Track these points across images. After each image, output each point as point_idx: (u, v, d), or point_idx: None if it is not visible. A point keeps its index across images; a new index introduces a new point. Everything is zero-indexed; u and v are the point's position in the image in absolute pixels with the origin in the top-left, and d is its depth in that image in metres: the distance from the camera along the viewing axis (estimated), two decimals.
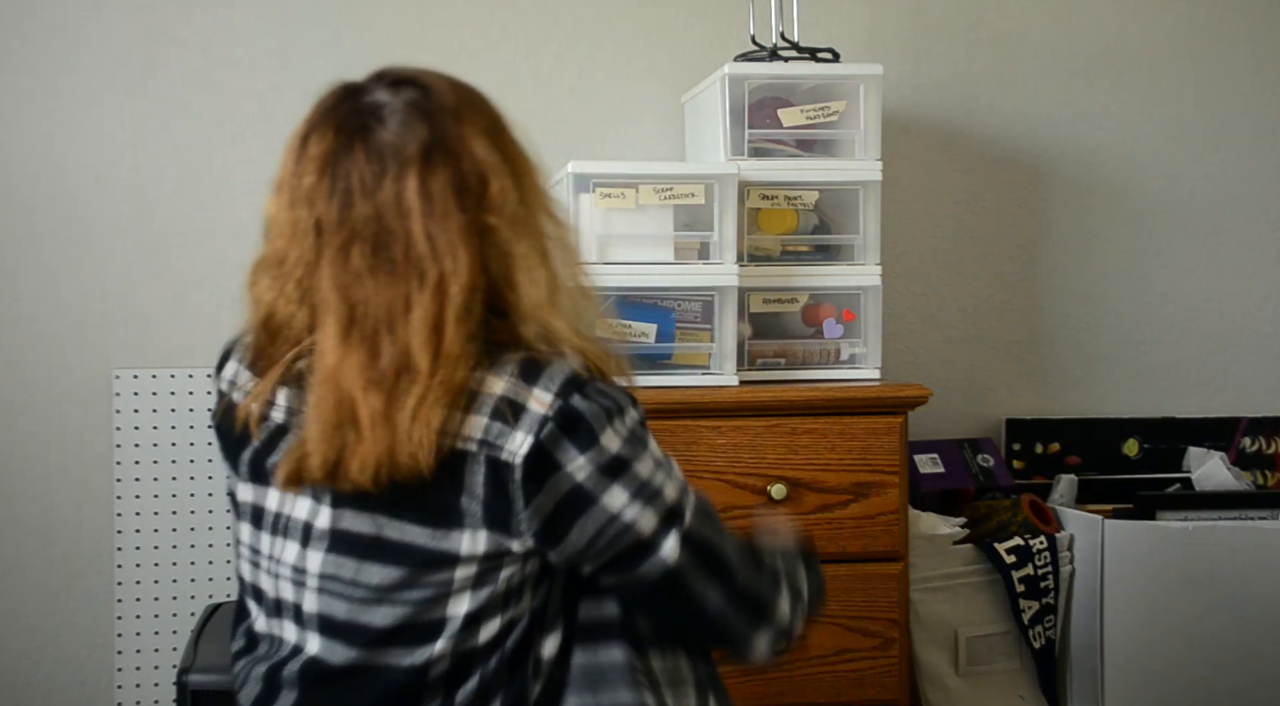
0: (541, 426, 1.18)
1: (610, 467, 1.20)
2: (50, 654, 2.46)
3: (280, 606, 1.30)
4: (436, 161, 1.21)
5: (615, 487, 1.20)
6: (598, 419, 1.19)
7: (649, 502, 1.21)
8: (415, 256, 1.19)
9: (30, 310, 2.45)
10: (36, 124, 2.45)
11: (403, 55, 2.54)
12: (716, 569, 1.26)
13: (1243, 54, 2.80)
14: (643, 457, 1.22)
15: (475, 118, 1.25)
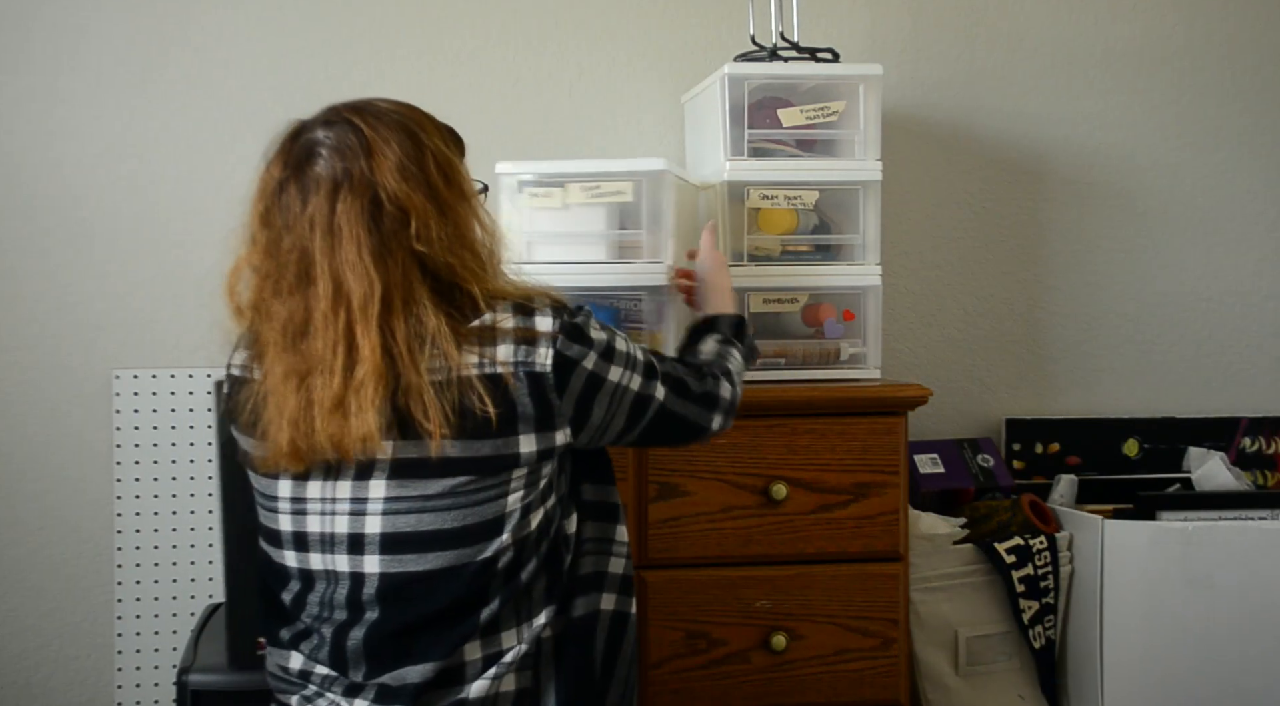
0: (554, 340, 1.49)
1: (605, 354, 1.54)
2: (50, 654, 2.46)
3: (333, 540, 1.49)
4: (345, 193, 1.45)
5: (612, 367, 1.55)
6: (585, 325, 1.53)
7: (633, 368, 1.58)
8: (317, 276, 1.44)
9: (30, 310, 2.45)
10: (37, 124, 2.45)
11: (403, 55, 2.55)
12: (683, 392, 1.64)
13: (1243, 54, 2.80)
14: (617, 341, 1.57)
15: (388, 153, 1.46)
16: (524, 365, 1.48)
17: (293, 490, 1.51)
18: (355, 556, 1.48)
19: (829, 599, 2.14)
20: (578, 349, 1.51)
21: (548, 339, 1.49)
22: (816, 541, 2.14)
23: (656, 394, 1.61)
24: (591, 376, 1.53)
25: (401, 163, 1.46)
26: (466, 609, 1.47)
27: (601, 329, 1.56)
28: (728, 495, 2.11)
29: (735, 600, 2.13)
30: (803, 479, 2.12)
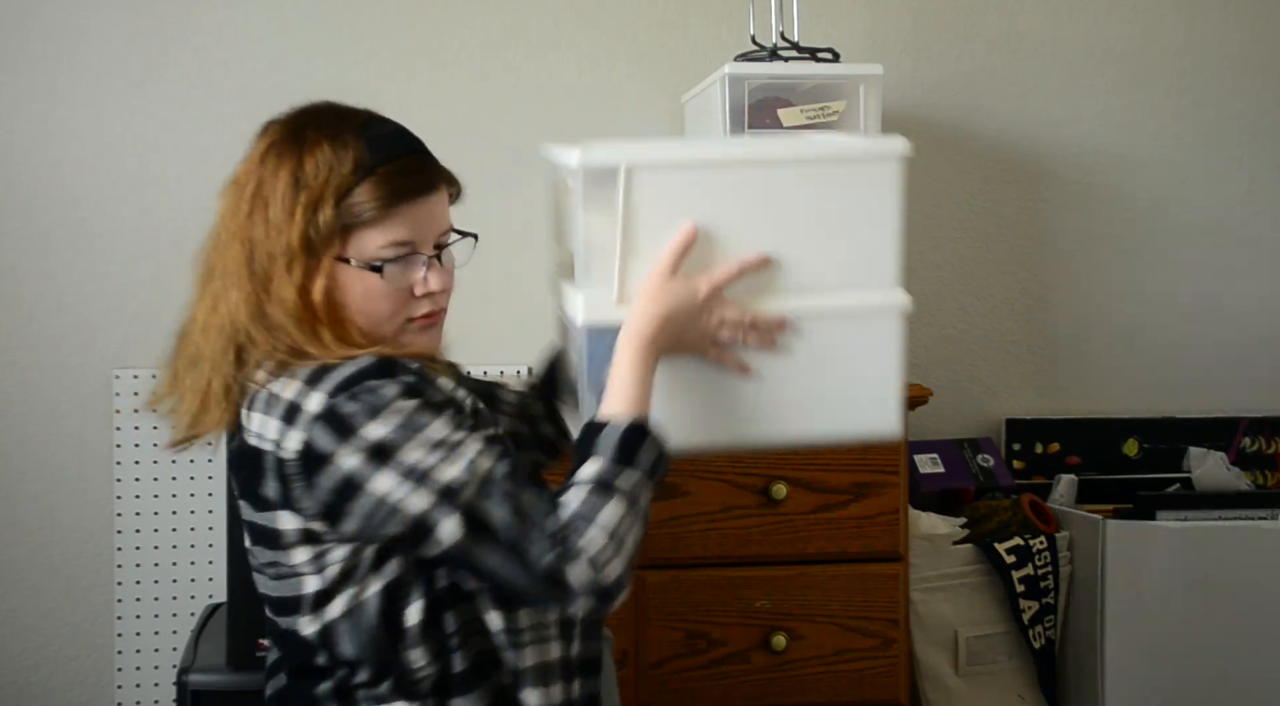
0: (312, 424, 1.31)
1: (375, 454, 1.29)
2: (50, 654, 2.46)
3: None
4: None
5: (382, 473, 1.29)
6: (361, 413, 1.30)
7: (419, 484, 1.29)
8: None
9: (30, 310, 2.45)
10: (37, 124, 2.45)
11: (403, 55, 2.55)
12: (497, 545, 1.29)
13: (1243, 54, 2.80)
14: (413, 443, 1.29)
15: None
16: (275, 445, 1.33)
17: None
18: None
19: (829, 599, 2.14)
20: (334, 441, 1.30)
21: (306, 421, 1.31)
22: (816, 541, 2.14)
23: (440, 531, 1.29)
24: (345, 479, 1.30)
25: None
26: (301, 687, 1.41)
27: (399, 421, 1.29)
28: (728, 495, 2.11)
29: (735, 600, 2.13)
30: (803, 479, 2.12)
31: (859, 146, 1.51)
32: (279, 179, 1.38)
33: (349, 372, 1.32)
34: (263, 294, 1.37)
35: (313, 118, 1.44)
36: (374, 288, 1.38)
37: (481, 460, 1.30)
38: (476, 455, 1.30)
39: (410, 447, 1.29)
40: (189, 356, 1.45)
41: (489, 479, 1.30)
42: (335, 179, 1.37)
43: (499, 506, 1.29)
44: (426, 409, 1.31)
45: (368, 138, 1.40)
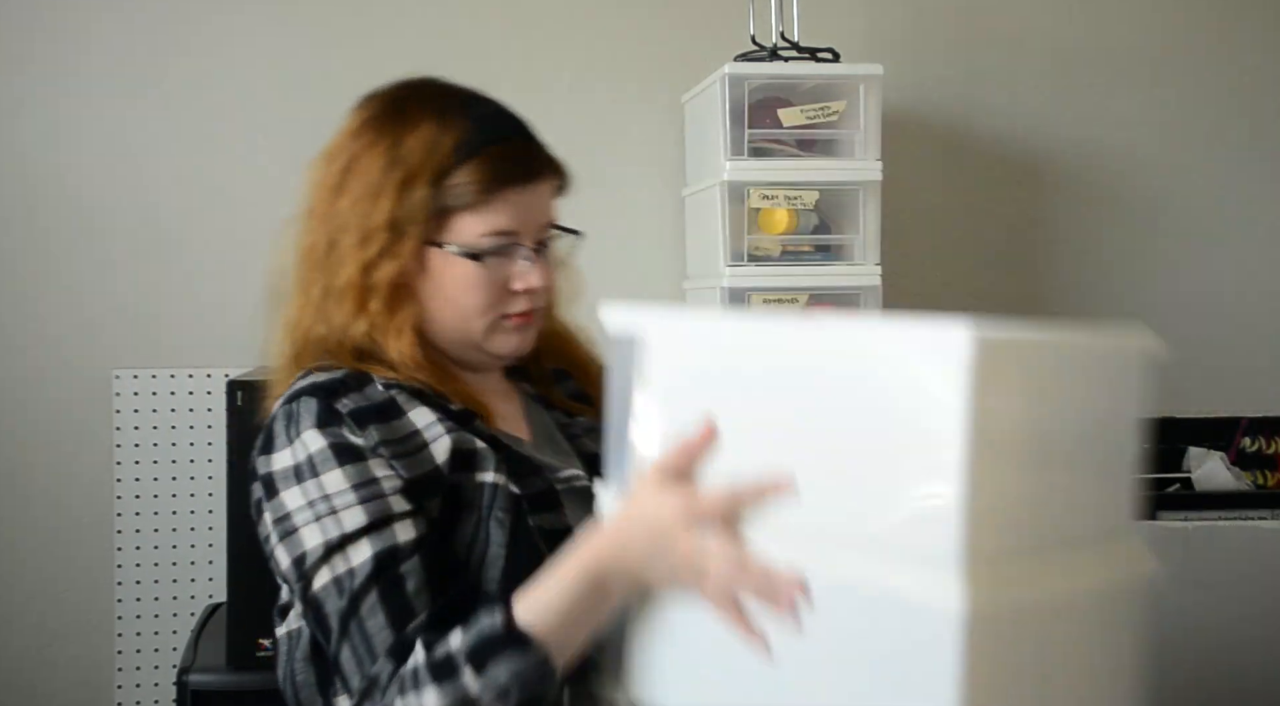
0: (270, 424, 1.25)
1: (267, 482, 1.21)
2: (50, 654, 2.46)
3: None
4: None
5: (269, 506, 1.21)
6: (279, 433, 1.22)
7: (283, 538, 1.19)
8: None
9: (31, 310, 2.45)
10: (38, 125, 2.45)
11: (403, 55, 2.54)
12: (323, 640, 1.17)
13: (1243, 54, 2.80)
14: (296, 489, 1.18)
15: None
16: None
17: None
18: None
19: None
20: (258, 447, 1.24)
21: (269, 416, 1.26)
22: None
23: (315, 583, 1.17)
24: (262, 498, 1.22)
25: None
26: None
27: (302, 456, 1.18)
28: None
29: None
30: None
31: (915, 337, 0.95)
32: (373, 154, 1.28)
33: (304, 383, 1.24)
34: (328, 279, 1.28)
35: (414, 92, 1.34)
36: (469, 277, 1.26)
37: (351, 547, 1.15)
38: (348, 534, 1.16)
39: (292, 491, 1.19)
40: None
41: (343, 573, 1.15)
42: (435, 157, 1.26)
43: (334, 612, 1.14)
44: (333, 452, 1.19)
45: (474, 116, 1.31)
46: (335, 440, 1.19)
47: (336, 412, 1.20)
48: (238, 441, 1.97)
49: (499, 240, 1.27)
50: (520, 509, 1.23)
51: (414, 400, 1.25)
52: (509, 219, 1.28)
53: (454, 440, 1.23)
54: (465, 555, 1.21)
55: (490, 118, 1.33)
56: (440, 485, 1.21)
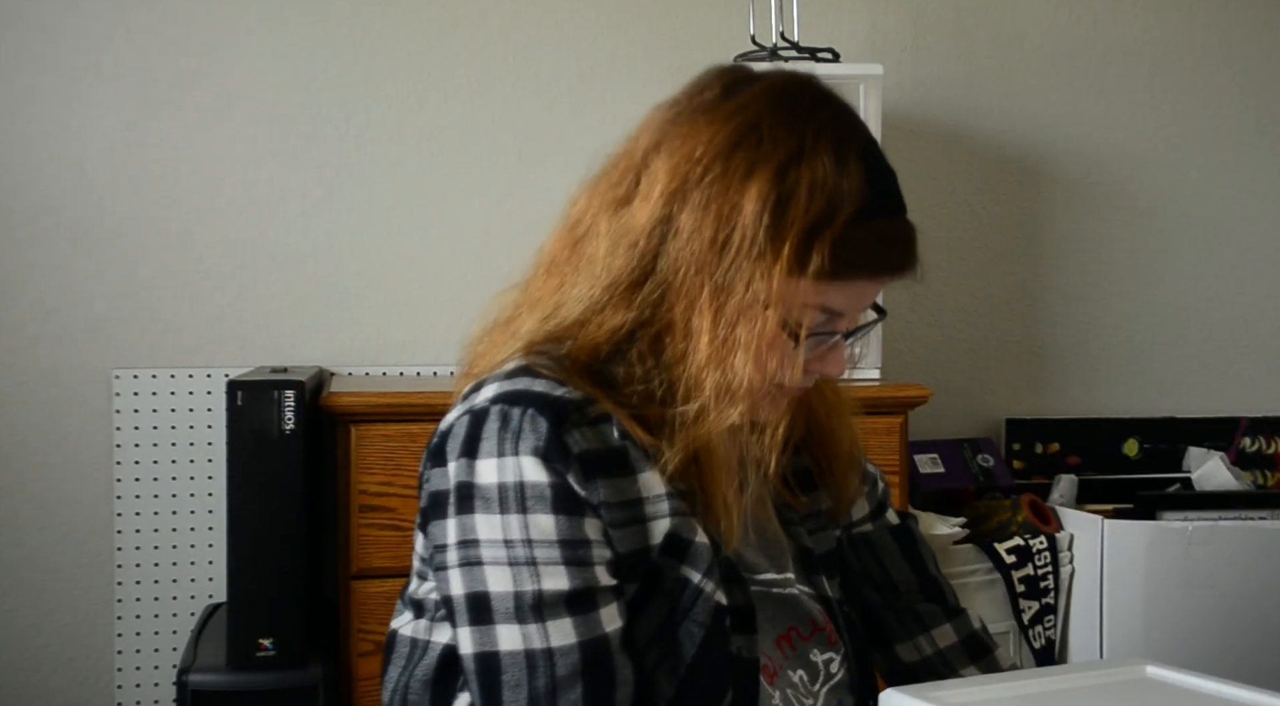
0: (462, 415, 1.08)
1: (464, 492, 1.05)
2: (50, 653, 2.46)
3: None
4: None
5: (456, 518, 1.05)
6: (490, 437, 1.04)
7: (472, 570, 1.04)
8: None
9: (30, 310, 2.45)
10: (38, 124, 2.45)
11: (403, 55, 2.55)
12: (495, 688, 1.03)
13: (1243, 54, 2.80)
14: (496, 518, 1.04)
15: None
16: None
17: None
18: None
19: None
20: (456, 448, 1.07)
21: (462, 408, 1.09)
22: None
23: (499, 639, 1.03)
24: (444, 495, 1.07)
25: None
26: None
27: (510, 479, 1.03)
28: None
29: None
30: None
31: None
32: (752, 182, 1.06)
33: (527, 386, 1.06)
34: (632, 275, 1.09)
35: (812, 106, 1.12)
36: (775, 345, 1.08)
37: (551, 618, 1.02)
38: (545, 597, 1.03)
39: (491, 518, 1.04)
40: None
41: (540, 650, 1.02)
42: (816, 207, 1.06)
43: (521, 689, 1.02)
44: (551, 493, 1.03)
45: (871, 172, 1.12)
46: (556, 480, 1.04)
47: (566, 449, 1.04)
48: (238, 441, 1.97)
49: (825, 319, 1.10)
50: (722, 626, 1.09)
51: (645, 459, 1.07)
52: (845, 301, 1.11)
53: (674, 524, 1.07)
54: (641, 649, 1.07)
55: (885, 180, 1.13)
56: (645, 567, 1.07)
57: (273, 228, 2.49)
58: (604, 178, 1.16)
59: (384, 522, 2.03)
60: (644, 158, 1.12)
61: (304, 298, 2.50)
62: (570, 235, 1.15)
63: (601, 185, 1.15)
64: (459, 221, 2.51)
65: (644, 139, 1.13)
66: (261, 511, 1.97)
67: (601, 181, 1.16)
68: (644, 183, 1.10)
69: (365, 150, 2.51)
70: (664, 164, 1.09)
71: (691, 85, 1.15)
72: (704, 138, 1.08)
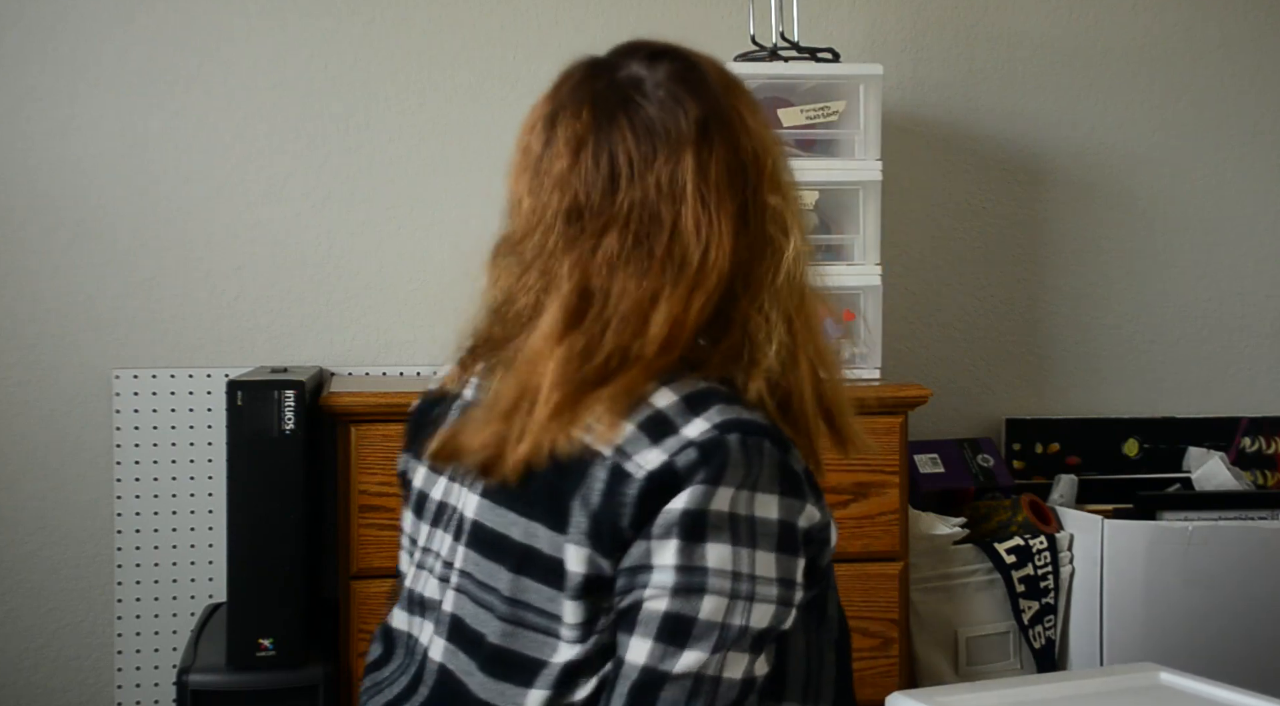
0: (682, 449, 1.05)
1: (695, 519, 1.03)
2: (50, 654, 2.46)
3: (424, 604, 1.22)
4: (714, 140, 1.11)
5: (673, 543, 1.03)
6: (736, 469, 1.04)
7: (679, 593, 1.03)
8: (680, 246, 1.09)
9: (30, 310, 2.45)
10: (39, 124, 2.45)
11: (403, 55, 2.55)
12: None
13: (1243, 54, 2.80)
14: (727, 549, 1.03)
15: (743, 91, 1.16)
16: (621, 454, 1.06)
17: (411, 526, 1.26)
18: (434, 631, 1.20)
19: None
20: (697, 474, 1.04)
21: (677, 444, 1.05)
22: None
23: (682, 660, 1.03)
24: (676, 528, 1.03)
25: (755, 103, 1.16)
26: None
27: (774, 509, 1.05)
28: None
29: None
30: None
31: None
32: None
33: (741, 416, 1.07)
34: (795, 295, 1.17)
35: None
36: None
37: (734, 654, 1.04)
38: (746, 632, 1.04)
39: (727, 548, 1.03)
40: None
41: (709, 678, 1.03)
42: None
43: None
44: (779, 531, 1.06)
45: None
46: (788, 520, 1.06)
47: (799, 480, 1.07)
48: (238, 441, 1.97)
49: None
50: (845, 628, 1.20)
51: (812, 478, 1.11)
52: None
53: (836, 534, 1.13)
54: (814, 627, 1.14)
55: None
56: (815, 584, 1.12)
57: (273, 228, 2.49)
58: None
59: (384, 522, 2.03)
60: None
61: (304, 298, 2.50)
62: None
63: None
64: (459, 221, 2.51)
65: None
66: (261, 511, 1.97)
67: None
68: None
69: (365, 150, 2.51)
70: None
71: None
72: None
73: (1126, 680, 1.17)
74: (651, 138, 1.10)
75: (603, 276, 1.09)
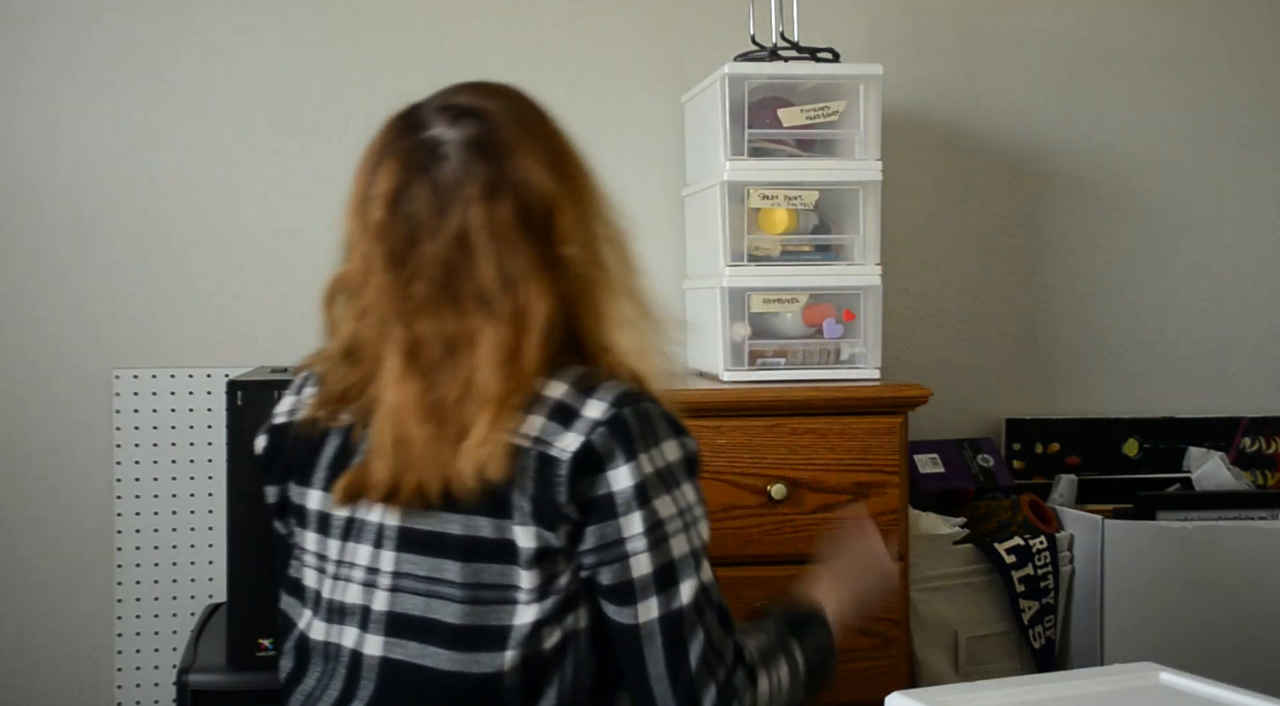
0: (593, 429, 1.23)
1: (639, 491, 1.24)
2: (50, 654, 2.46)
3: (344, 611, 1.33)
4: (499, 197, 1.26)
5: (636, 514, 1.24)
6: (643, 437, 1.25)
7: (654, 548, 1.25)
8: (483, 291, 1.24)
9: (31, 309, 2.45)
10: (39, 123, 2.45)
11: (402, 57, 2.55)
12: (678, 654, 1.26)
13: (1243, 54, 2.80)
14: (667, 498, 1.26)
15: (535, 147, 1.29)
16: (542, 443, 1.23)
17: (316, 545, 1.37)
18: (362, 633, 1.31)
19: None
20: (616, 454, 1.23)
21: (586, 425, 1.24)
22: (816, 541, 2.14)
23: (639, 609, 1.25)
24: (606, 499, 1.23)
25: (551, 155, 1.30)
26: None
27: (663, 464, 1.25)
28: (728, 495, 2.11)
29: (735, 600, 2.10)
30: (803, 479, 2.12)
31: None
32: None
33: (632, 391, 1.28)
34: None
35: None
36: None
37: (701, 542, 1.31)
38: (702, 535, 1.31)
39: (662, 501, 1.26)
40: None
41: (703, 580, 1.30)
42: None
43: (703, 627, 1.28)
44: (684, 460, 1.31)
45: None
46: (685, 454, 1.30)
47: (675, 420, 1.31)
48: (238, 441, 1.96)
49: None
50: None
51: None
52: None
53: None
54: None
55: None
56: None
57: (273, 228, 2.49)
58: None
59: None
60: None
61: (304, 298, 2.49)
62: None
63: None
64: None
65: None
66: (261, 511, 1.96)
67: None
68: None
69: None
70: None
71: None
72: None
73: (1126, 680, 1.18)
74: (448, 194, 1.25)
75: (424, 320, 1.25)
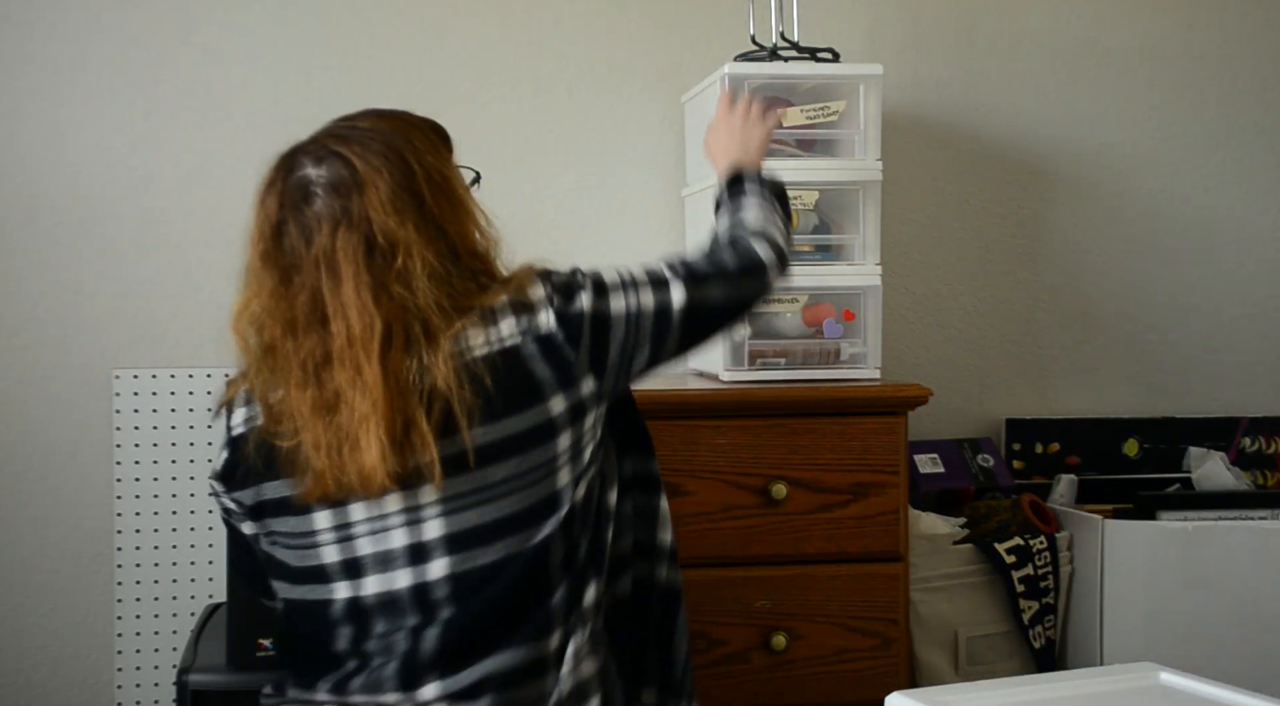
0: (550, 301, 1.52)
1: (599, 291, 1.55)
2: (50, 654, 2.46)
3: (389, 558, 1.49)
4: (343, 231, 1.47)
5: (613, 299, 1.54)
6: (571, 278, 1.56)
7: (637, 289, 1.57)
8: (335, 311, 1.45)
9: (31, 309, 2.45)
10: (39, 124, 2.45)
11: (402, 57, 2.55)
12: (703, 279, 1.61)
13: (1242, 54, 2.80)
14: (606, 274, 1.57)
15: (380, 185, 1.49)
16: (530, 332, 1.50)
17: (334, 519, 1.50)
18: (418, 566, 1.48)
19: (829, 599, 2.14)
20: (574, 302, 1.54)
21: (544, 303, 1.52)
22: (816, 541, 2.14)
23: (673, 299, 1.59)
24: (596, 318, 1.54)
25: (393, 193, 1.49)
26: (536, 594, 1.48)
27: (587, 273, 1.58)
28: (728, 495, 2.11)
29: (735, 600, 2.13)
30: (803, 479, 2.12)
31: None
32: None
33: (536, 271, 1.57)
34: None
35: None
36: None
37: (637, 265, 1.61)
38: (635, 265, 1.61)
39: (607, 275, 1.57)
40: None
41: (665, 260, 1.62)
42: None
43: (686, 263, 1.62)
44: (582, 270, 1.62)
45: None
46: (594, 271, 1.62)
47: (563, 278, 1.58)
48: None
49: None
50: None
51: None
52: None
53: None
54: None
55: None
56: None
57: None
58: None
59: None
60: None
61: None
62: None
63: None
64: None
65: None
66: None
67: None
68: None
69: None
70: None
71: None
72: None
73: (1126, 680, 1.18)
74: (316, 227, 1.48)
75: (303, 336, 1.47)
